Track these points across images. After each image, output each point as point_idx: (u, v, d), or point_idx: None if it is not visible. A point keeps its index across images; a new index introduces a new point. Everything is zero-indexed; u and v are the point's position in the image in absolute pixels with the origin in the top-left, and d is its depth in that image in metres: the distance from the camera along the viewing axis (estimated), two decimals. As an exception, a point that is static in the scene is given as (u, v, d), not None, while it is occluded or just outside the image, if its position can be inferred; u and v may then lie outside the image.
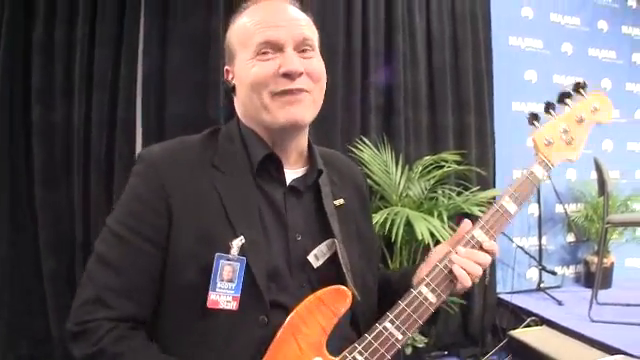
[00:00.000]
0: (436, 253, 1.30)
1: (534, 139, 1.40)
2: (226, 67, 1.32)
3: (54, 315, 3.34)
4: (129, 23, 3.54)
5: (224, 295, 1.10)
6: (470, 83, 4.54)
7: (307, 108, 1.22)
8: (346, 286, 1.19)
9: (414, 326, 1.16)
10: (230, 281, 1.11)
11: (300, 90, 1.20)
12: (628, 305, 4.15)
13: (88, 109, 3.47)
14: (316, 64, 1.25)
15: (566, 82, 5.17)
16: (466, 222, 1.31)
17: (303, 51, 1.22)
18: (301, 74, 1.19)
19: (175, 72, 3.62)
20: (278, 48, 1.19)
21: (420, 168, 3.98)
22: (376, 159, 3.89)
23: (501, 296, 4.55)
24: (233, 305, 1.11)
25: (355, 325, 1.26)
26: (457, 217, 3.75)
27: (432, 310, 1.19)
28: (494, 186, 4.54)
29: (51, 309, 3.35)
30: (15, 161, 3.39)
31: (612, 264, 4.92)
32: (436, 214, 3.59)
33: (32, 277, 3.37)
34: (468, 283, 1.22)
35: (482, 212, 3.70)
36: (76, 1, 3.44)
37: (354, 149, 3.84)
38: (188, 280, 1.13)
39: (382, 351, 1.13)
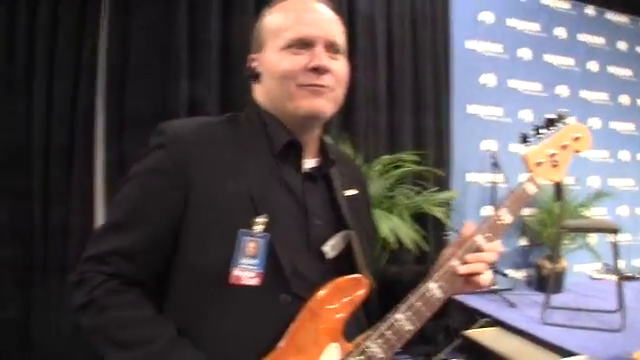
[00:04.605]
0: (444, 255, 1.35)
1: (527, 157, 1.47)
2: (251, 55, 1.35)
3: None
4: (92, 12, 3.47)
5: (247, 271, 1.14)
6: (428, 85, 4.60)
7: (328, 102, 1.28)
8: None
9: (423, 318, 1.21)
10: (253, 257, 1.14)
11: (324, 86, 1.25)
12: (579, 310, 4.27)
13: (50, 99, 3.40)
14: (341, 66, 1.31)
15: (521, 87, 5.29)
16: (468, 225, 1.36)
17: (331, 52, 1.28)
18: (327, 71, 1.25)
19: (137, 64, 3.56)
20: (309, 45, 1.25)
21: (379, 166, 4.00)
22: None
23: (454, 296, 4.52)
24: (256, 281, 1.14)
25: (366, 313, 1.31)
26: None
27: (439, 304, 1.24)
28: (449, 187, 4.60)
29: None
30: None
31: (563, 269, 5.02)
32: (396, 213, 3.60)
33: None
34: (479, 281, 1.28)
35: (442, 213, 3.81)
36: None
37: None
38: (210, 255, 1.16)
39: (394, 341, 1.17)
